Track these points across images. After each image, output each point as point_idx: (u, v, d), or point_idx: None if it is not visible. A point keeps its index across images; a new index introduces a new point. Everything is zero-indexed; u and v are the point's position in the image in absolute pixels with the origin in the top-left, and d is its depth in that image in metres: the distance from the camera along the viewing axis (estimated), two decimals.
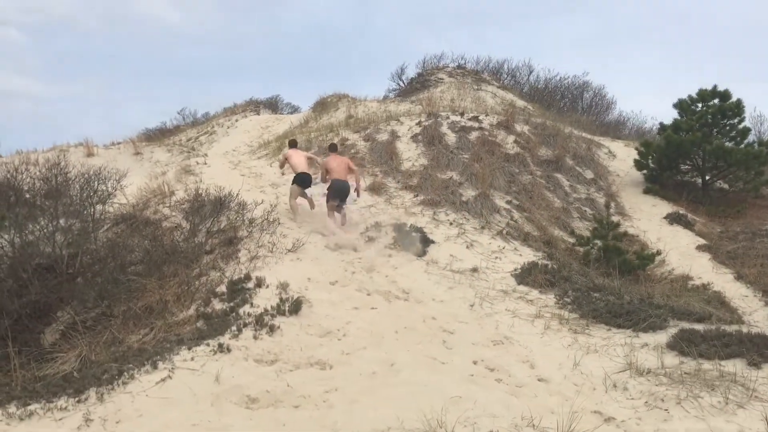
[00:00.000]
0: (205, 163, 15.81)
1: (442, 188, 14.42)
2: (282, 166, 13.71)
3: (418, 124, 18.28)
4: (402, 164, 15.99)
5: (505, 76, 34.92)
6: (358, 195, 13.16)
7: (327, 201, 12.62)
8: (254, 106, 29.26)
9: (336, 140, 16.94)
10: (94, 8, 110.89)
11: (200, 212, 11.16)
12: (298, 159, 12.95)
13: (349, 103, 25.02)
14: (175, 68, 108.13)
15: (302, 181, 12.67)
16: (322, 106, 26.28)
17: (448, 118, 18.76)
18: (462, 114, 19.19)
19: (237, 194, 11.86)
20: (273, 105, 31.50)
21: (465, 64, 33.99)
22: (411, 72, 34.36)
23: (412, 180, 15.03)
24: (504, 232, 13.09)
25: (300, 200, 12.91)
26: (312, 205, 13.09)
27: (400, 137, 17.46)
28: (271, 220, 11.45)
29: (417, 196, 14.06)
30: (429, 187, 14.55)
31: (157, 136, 27.01)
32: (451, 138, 17.38)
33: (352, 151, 16.58)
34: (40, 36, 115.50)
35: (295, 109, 32.51)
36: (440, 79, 29.58)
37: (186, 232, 10.72)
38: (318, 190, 13.30)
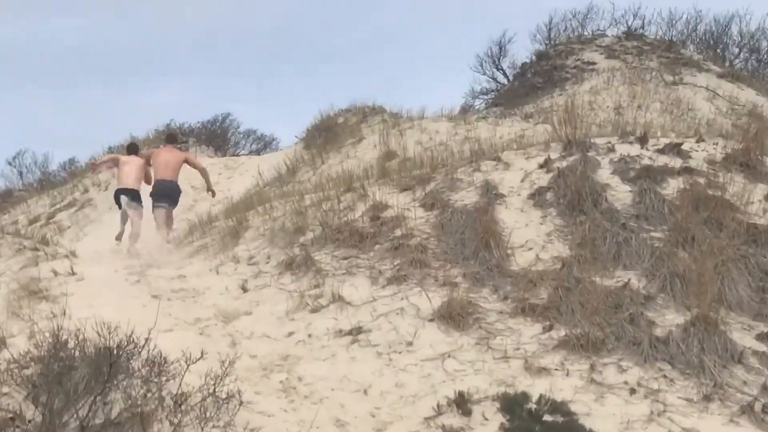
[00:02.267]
0: (72, 272, 10.05)
1: (605, 310, 8.68)
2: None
3: (544, 165, 11.29)
4: (512, 257, 9.62)
5: (735, 51, 21.14)
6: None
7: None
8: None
9: (366, 205, 10.76)
10: None
11: (64, 384, 7.16)
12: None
13: (386, 126, 16.69)
14: None
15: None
16: (328, 134, 17.19)
17: (611, 150, 11.48)
18: (643, 140, 11.78)
19: (146, 339, 7.36)
20: (216, 136, 20.66)
21: (642, 29, 21.45)
22: (521, 52, 22.90)
23: (537, 292, 8.92)
24: (761, 409, 7.57)
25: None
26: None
27: (506, 197, 10.71)
28: (225, 395, 7.08)
29: (549, 329, 8.59)
30: (575, 308, 8.70)
31: None
32: (620, 194, 10.32)
33: (398, 232, 10.23)
34: None
35: (266, 144, 21.24)
36: (588, 64, 20.53)
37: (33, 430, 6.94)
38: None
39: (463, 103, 22.06)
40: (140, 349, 6.87)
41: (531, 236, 9.58)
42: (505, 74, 21.15)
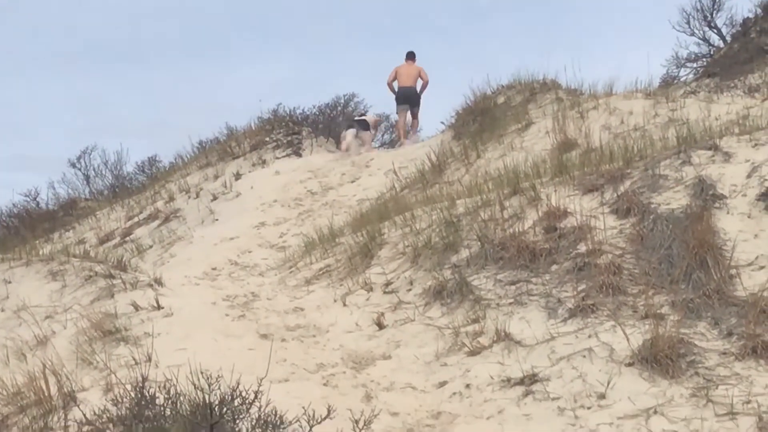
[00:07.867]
0: (158, 306, 8.80)
1: None
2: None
3: None
4: (737, 279, 8.09)
5: None
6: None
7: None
8: (294, 133, 16.16)
9: (539, 212, 9.94)
10: None
11: None
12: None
13: (562, 107, 14.36)
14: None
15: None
16: (485, 118, 15.05)
17: None
18: None
19: (256, 392, 5.73)
20: (337, 124, 17.92)
21: None
22: (741, 3, 18.73)
23: None
24: None
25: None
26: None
27: (727, 198, 9.17)
28: None
29: None
30: None
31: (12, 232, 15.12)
32: None
33: (582, 247, 9.81)
34: None
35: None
36: None
37: None
38: None
39: (664, 74, 18.03)
40: (249, 406, 5.75)
41: (762, 251, 7.90)
42: (720, 34, 17.56)
